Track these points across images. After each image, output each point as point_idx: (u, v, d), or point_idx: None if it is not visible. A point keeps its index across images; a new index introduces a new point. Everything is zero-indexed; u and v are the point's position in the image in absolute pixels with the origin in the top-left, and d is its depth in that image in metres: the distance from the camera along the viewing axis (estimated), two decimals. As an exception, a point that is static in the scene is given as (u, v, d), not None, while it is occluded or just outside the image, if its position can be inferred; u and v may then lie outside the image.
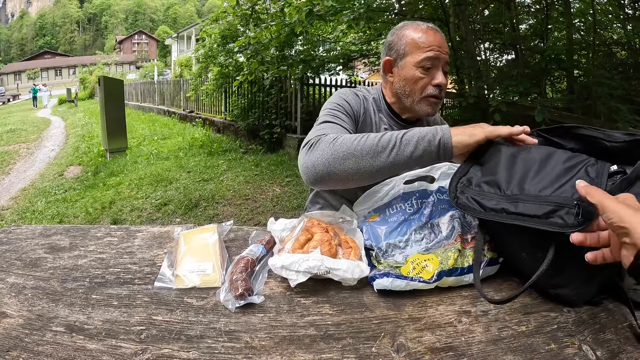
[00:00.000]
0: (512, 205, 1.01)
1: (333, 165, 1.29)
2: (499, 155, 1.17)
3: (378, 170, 1.27)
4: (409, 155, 1.24)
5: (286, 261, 1.05)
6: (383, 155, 1.25)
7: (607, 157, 1.23)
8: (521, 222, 0.97)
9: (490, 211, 1.04)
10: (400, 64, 1.71)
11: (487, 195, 1.08)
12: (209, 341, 0.87)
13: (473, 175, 1.18)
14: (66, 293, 1.05)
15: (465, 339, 0.88)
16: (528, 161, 1.10)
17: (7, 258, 1.26)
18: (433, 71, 1.66)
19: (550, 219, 0.93)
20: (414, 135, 1.26)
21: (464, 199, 1.12)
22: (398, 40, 1.72)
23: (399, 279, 1.03)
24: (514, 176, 1.08)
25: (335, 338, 0.88)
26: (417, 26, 1.71)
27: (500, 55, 9.72)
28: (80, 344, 0.85)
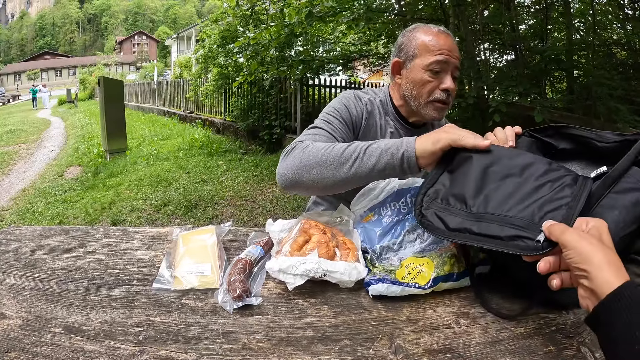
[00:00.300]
0: (476, 225, 0.97)
1: (300, 173, 1.32)
2: (470, 163, 1.11)
3: (341, 181, 1.27)
4: (371, 167, 1.23)
5: (283, 264, 1.05)
6: (345, 167, 1.25)
7: (598, 157, 1.24)
8: (484, 244, 0.94)
9: (453, 231, 1.00)
10: (409, 66, 1.70)
11: (453, 211, 1.04)
12: (206, 342, 0.87)
13: (441, 186, 1.13)
14: (65, 294, 1.05)
15: (463, 340, 0.88)
16: (499, 174, 1.05)
17: (6, 259, 1.26)
18: (442, 75, 1.64)
19: (514, 242, 0.90)
20: (377, 147, 1.24)
21: (428, 216, 1.07)
22: (408, 42, 1.71)
23: (395, 284, 1.03)
24: (482, 190, 1.04)
25: (333, 340, 0.88)
26: (429, 29, 1.69)
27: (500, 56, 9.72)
28: (79, 345, 0.85)
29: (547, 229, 0.82)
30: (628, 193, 1.01)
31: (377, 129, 1.76)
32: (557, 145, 1.32)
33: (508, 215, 0.93)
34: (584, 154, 1.29)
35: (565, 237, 0.76)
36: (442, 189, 1.11)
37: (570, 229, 0.77)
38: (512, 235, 0.90)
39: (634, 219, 1.00)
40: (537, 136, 1.33)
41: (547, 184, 0.97)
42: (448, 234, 1.00)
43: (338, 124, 1.62)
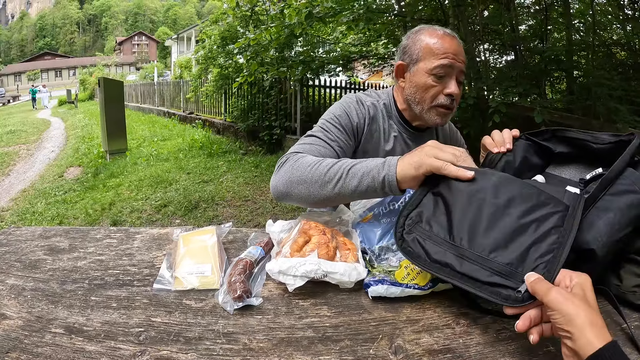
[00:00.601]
0: (458, 262, 0.93)
1: (289, 188, 1.34)
2: (456, 189, 1.06)
3: (326, 199, 1.28)
4: (353, 189, 1.22)
5: (283, 266, 1.05)
6: (329, 186, 1.25)
7: (594, 159, 1.24)
8: (464, 284, 0.91)
9: (435, 264, 0.96)
10: (412, 69, 1.66)
11: (435, 239, 1.00)
12: (207, 343, 0.87)
13: (424, 208, 1.08)
14: (65, 295, 1.05)
15: (463, 341, 0.89)
16: (484, 206, 0.99)
17: (6, 259, 1.27)
18: (446, 80, 1.60)
19: (496, 289, 0.87)
20: (360, 169, 1.22)
21: (409, 241, 1.03)
22: (412, 44, 1.67)
23: (394, 286, 1.03)
24: (465, 219, 0.99)
25: (333, 340, 0.88)
26: (434, 31, 1.65)
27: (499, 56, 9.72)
28: (80, 345, 0.85)
29: (530, 285, 0.81)
30: (623, 195, 1.01)
31: (380, 134, 1.74)
32: (554, 148, 1.32)
33: (492, 259, 0.90)
34: (581, 157, 1.29)
35: (550, 297, 0.76)
36: (425, 212, 1.07)
37: (555, 289, 0.77)
38: (495, 283, 0.87)
39: (629, 221, 1.00)
40: (534, 139, 1.33)
41: (532, 224, 0.93)
42: (429, 265, 0.97)
43: (336, 132, 1.60)
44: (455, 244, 0.96)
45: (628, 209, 1.00)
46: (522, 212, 0.95)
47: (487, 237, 0.93)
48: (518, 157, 1.30)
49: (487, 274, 0.89)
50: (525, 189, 0.99)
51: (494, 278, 0.88)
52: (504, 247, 0.91)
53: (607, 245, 0.96)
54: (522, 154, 1.31)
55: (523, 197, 0.97)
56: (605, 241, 0.96)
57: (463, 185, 1.04)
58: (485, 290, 0.87)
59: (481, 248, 0.92)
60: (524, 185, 1.00)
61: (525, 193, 0.98)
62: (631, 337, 0.87)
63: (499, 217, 0.95)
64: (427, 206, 1.08)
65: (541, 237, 0.90)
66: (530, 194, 0.97)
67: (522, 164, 1.29)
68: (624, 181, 1.04)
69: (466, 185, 1.04)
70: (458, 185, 1.05)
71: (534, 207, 0.95)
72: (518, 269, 0.87)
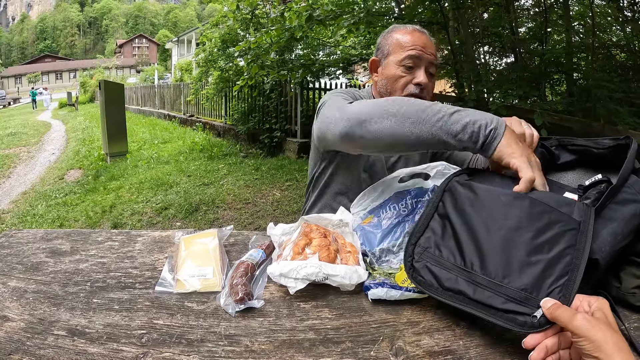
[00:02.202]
0: (471, 289, 0.91)
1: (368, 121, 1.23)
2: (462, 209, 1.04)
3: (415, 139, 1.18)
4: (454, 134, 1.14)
5: (284, 269, 1.06)
6: (427, 126, 1.16)
7: (595, 163, 1.25)
8: (479, 311, 0.89)
9: (447, 291, 0.95)
10: (384, 63, 1.75)
11: (446, 265, 0.98)
12: (209, 345, 0.87)
13: (431, 233, 1.06)
14: (67, 297, 1.05)
15: (463, 342, 0.89)
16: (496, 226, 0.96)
17: (8, 262, 1.27)
18: (415, 70, 1.67)
19: (510, 315, 0.85)
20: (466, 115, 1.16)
21: (421, 271, 1.01)
22: (384, 40, 1.77)
23: (394, 289, 1.03)
24: (476, 242, 0.96)
25: (335, 342, 0.89)
26: (404, 27, 1.75)
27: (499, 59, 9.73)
28: (82, 347, 0.85)
29: (549, 312, 0.79)
30: (628, 204, 1.01)
31: None
32: (559, 154, 1.32)
33: (505, 285, 0.88)
34: (582, 162, 1.30)
35: (576, 324, 0.74)
36: (433, 237, 1.05)
37: (580, 315, 0.75)
38: (510, 310, 0.86)
39: (630, 231, 1.00)
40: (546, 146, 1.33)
41: (545, 245, 0.90)
42: (442, 293, 0.95)
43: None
44: (466, 269, 0.94)
45: (631, 219, 1.00)
46: (533, 233, 0.92)
47: (499, 261, 0.91)
48: None
49: (501, 301, 0.87)
50: (534, 207, 0.96)
51: (509, 305, 0.86)
52: (517, 272, 0.89)
53: (610, 254, 0.96)
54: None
55: (533, 217, 0.94)
56: (608, 250, 0.95)
57: (471, 208, 1.02)
58: (501, 317, 0.86)
59: (494, 273, 0.91)
60: (533, 204, 0.97)
61: (535, 212, 0.95)
62: (630, 339, 0.88)
63: (510, 240, 0.93)
64: (435, 230, 1.06)
65: (555, 259, 0.88)
66: (541, 212, 0.95)
67: None
68: (628, 190, 1.04)
69: (474, 207, 1.02)
70: (465, 207, 1.03)
71: (545, 227, 0.93)
72: (533, 294, 0.85)
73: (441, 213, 1.08)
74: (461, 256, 0.97)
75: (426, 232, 1.07)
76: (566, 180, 1.29)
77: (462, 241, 0.98)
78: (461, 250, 0.97)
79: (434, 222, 1.08)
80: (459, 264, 0.96)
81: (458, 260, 0.97)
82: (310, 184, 1.99)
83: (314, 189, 1.94)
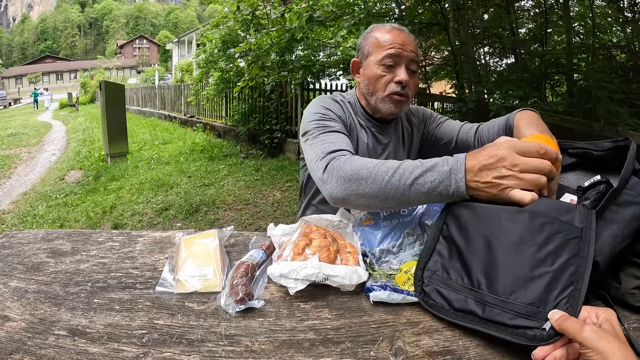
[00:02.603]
0: (480, 308, 0.93)
1: (351, 195, 1.25)
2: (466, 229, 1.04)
3: (395, 201, 1.18)
4: (426, 192, 1.11)
5: (284, 269, 1.06)
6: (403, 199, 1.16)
7: (594, 165, 1.25)
8: (490, 329, 0.90)
9: (459, 312, 0.96)
10: (364, 63, 1.75)
11: (455, 286, 1.00)
12: (209, 345, 0.88)
13: (438, 257, 1.08)
14: (68, 297, 1.06)
15: (462, 342, 0.89)
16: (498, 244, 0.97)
17: (9, 262, 1.27)
18: (396, 68, 1.67)
19: (519, 330, 0.86)
20: (424, 183, 1.12)
21: (432, 295, 1.02)
22: (364, 41, 1.77)
23: (396, 292, 1.03)
24: (480, 262, 0.98)
25: (334, 342, 0.89)
26: (382, 27, 1.75)
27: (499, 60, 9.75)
28: (83, 347, 0.86)
29: (557, 323, 0.80)
30: (628, 206, 1.02)
31: (351, 128, 1.80)
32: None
33: (512, 301, 0.89)
34: (581, 164, 1.31)
35: (584, 335, 0.74)
36: (440, 260, 1.07)
37: (588, 326, 0.75)
38: (519, 325, 0.86)
39: (630, 233, 1.00)
40: None
41: (548, 258, 0.91)
42: (453, 315, 0.96)
43: (340, 124, 1.67)
44: (474, 289, 0.96)
45: (632, 221, 1.01)
46: (536, 247, 0.93)
47: (505, 278, 0.92)
48: None
49: (510, 317, 0.88)
50: (535, 221, 0.96)
51: (517, 320, 0.87)
52: (523, 287, 0.90)
53: (609, 256, 0.97)
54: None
55: (534, 230, 0.95)
56: (608, 253, 0.96)
57: (473, 228, 1.03)
58: (511, 333, 0.87)
59: (501, 290, 0.91)
60: (533, 217, 0.96)
61: (536, 226, 0.95)
62: (629, 340, 0.88)
63: (514, 256, 0.94)
64: (441, 253, 1.08)
65: (559, 271, 0.89)
66: (542, 225, 0.95)
67: None
68: (629, 191, 1.04)
69: (477, 227, 1.02)
70: (468, 227, 1.04)
71: (547, 239, 0.93)
72: (540, 308, 0.86)
73: (446, 235, 1.09)
74: (468, 277, 0.98)
75: (433, 256, 1.08)
76: (566, 181, 1.30)
77: (467, 261, 1.00)
78: (468, 271, 0.99)
79: (440, 245, 1.09)
80: (466, 285, 0.97)
81: (465, 281, 0.98)
82: (300, 190, 2.01)
83: (305, 195, 1.96)
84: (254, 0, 8.30)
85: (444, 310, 0.98)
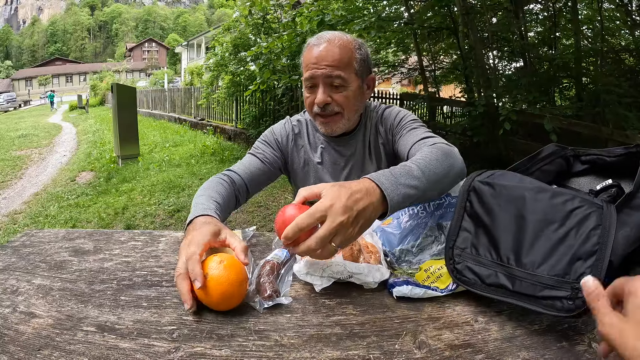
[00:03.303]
0: (510, 282, 0.98)
1: None
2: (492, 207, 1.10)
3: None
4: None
5: (311, 267, 1.10)
6: None
7: (605, 170, 1.28)
8: (521, 302, 0.95)
9: (490, 287, 1.01)
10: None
11: (484, 262, 1.05)
12: (239, 340, 0.89)
13: (466, 233, 1.12)
14: (94, 294, 1.07)
15: (482, 336, 0.92)
16: (525, 221, 1.02)
17: (31, 260, 1.28)
18: (315, 89, 1.64)
19: (548, 301, 0.92)
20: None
21: (462, 271, 1.07)
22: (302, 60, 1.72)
23: (418, 287, 1.07)
24: (508, 238, 1.03)
25: (360, 336, 0.91)
26: (309, 44, 1.70)
27: (508, 64, 9.73)
28: (113, 342, 0.87)
29: (589, 299, 0.74)
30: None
31: (307, 147, 1.84)
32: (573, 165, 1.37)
33: (540, 274, 0.94)
34: (592, 170, 1.34)
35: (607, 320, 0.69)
36: (469, 236, 1.11)
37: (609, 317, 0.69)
38: (547, 296, 0.91)
39: None
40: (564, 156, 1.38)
41: (571, 231, 0.96)
42: (485, 289, 1.02)
43: (262, 146, 1.83)
44: (503, 264, 1.01)
45: None
46: (560, 221, 0.98)
47: (533, 253, 0.98)
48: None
49: (538, 289, 0.93)
50: (557, 198, 1.01)
51: (545, 292, 0.92)
52: (549, 260, 0.95)
53: (622, 257, 0.99)
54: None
55: (557, 206, 1.00)
56: (621, 253, 0.98)
57: (498, 206, 1.08)
58: (540, 304, 0.92)
59: (529, 265, 0.97)
60: (555, 195, 1.02)
61: (559, 202, 1.01)
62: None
63: (538, 232, 1.00)
64: (469, 230, 1.12)
65: (582, 242, 0.93)
66: (564, 201, 1.00)
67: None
68: None
69: (501, 205, 1.08)
70: (493, 205, 1.09)
71: (570, 214, 0.98)
72: (566, 277, 0.91)
73: (470, 213, 1.14)
74: (496, 252, 1.03)
75: (460, 234, 1.13)
76: (578, 185, 1.33)
77: (495, 238, 1.05)
78: (496, 247, 1.04)
79: (465, 222, 1.14)
80: (495, 260, 1.03)
81: (494, 256, 1.04)
82: None
83: None
84: (265, 5, 8.33)
85: (477, 286, 1.03)
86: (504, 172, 1.22)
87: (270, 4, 8.49)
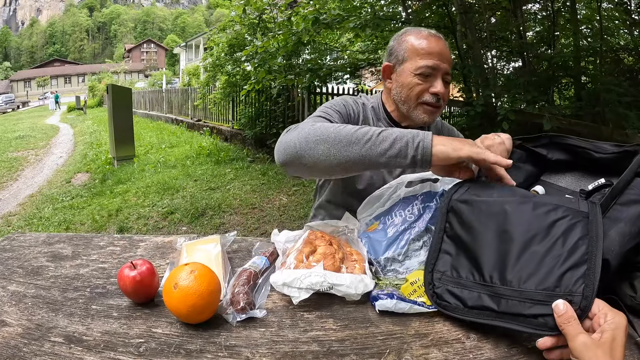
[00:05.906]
0: (495, 302, 0.91)
1: (303, 148, 1.25)
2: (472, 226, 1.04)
3: (347, 162, 1.20)
4: (382, 152, 1.16)
5: (288, 278, 1.04)
6: (356, 147, 1.19)
7: (594, 168, 1.23)
8: (508, 323, 0.89)
9: (472, 310, 0.95)
10: (398, 69, 1.68)
11: (466, 284, 0.98)
12: (208, 356, 0.86)
13: (446, 255, 1.07)
14: (66, 303, 1.05)
15: (473, 356, 0.87)
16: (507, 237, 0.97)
17: (9, 265, 1.27)
18: (431, 79, 1.62)
19: (539, 320, 0.85)
20: (392, 133, 1.18)
21: (444, 296, 1.01)
22: (398, 45, 1.69)
23: (403, 301, 1.01)
24: (491, 256, 0.97)
25: (339, 354, 0.87)
26: (419, 32, 1.67)
27: (507, 63, 9.73)
28: (78, 355, 0.85)
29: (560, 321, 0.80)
30: (632, 205, 1.01)
31: None
32: (550, 156, 1.31)
33: (527, 290, 0.88)
34: (579, 165, 1.28)
35: (575, 344, 0.76)
36: (449, 258, 1.06)
37: (582, 337, 0.77)
38: (538, 314, 0.85)
39: (638, 231, 0.99)
40: (528, 147, 1.34)
41: (557, 242, 0.91)
42: (468, 313, 0.95)
43: (336, 115, 1.61)
44: (487, 284, 0.95)
45: (637, 220, 0.99)
46: (544, 233, 0.93)
47: (518, 269, 0.92)
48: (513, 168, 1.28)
49: (527, 306, 0.87)
50: (539, 209, 0.97)
51: (535, 309, 0.86)
52: (536, 273, 0.89)
53: (620, 255, 0.95)
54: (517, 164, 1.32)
55: (540, 218, 0.95)
56: (618, 251, 0.95)
57: (478, 223, 1.03)
58: (530, 323, 0.86)
59: (514, 281, 0.90)
60: (537, 206, 0.98)
61: (541, 213, 0.96)
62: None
63: (524, 245, 0.94)
64: (449, 252, 1.07)
65: (570, 252, 0.88)
66: (547, 212, 0.95)
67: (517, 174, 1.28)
68: (632, 191, 1.04)
69: (481, 223, 1.03)
70: (473, 223, 1.04)
71: (554, 224, 0.93)
72: (556, 290, 0.85)
73: (450, 234, 1.09)
74: (479, 272, 0.97)
75: (440, 257, 1.08)
76: (564, 183, 1.29)
77: (476, 257, 0.99)
78: (478, 267, 0.98)
79: (445, 244, 1.09)
80: (478, 281, 0.97)
81: (477, 277, 0.97)
82: (315, 190, 1.99)
83: (319, 196, 1.94)
84: (260, 4, 8.30)
85: (459, 310, 0.97)
86: (481, 183, 1.17)
87: (265, 3, 8.45)
